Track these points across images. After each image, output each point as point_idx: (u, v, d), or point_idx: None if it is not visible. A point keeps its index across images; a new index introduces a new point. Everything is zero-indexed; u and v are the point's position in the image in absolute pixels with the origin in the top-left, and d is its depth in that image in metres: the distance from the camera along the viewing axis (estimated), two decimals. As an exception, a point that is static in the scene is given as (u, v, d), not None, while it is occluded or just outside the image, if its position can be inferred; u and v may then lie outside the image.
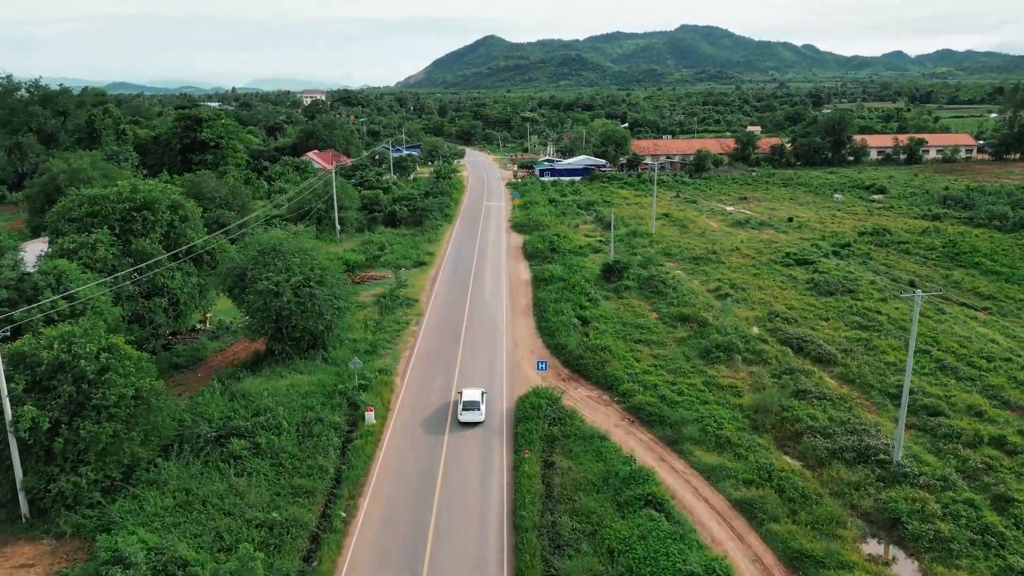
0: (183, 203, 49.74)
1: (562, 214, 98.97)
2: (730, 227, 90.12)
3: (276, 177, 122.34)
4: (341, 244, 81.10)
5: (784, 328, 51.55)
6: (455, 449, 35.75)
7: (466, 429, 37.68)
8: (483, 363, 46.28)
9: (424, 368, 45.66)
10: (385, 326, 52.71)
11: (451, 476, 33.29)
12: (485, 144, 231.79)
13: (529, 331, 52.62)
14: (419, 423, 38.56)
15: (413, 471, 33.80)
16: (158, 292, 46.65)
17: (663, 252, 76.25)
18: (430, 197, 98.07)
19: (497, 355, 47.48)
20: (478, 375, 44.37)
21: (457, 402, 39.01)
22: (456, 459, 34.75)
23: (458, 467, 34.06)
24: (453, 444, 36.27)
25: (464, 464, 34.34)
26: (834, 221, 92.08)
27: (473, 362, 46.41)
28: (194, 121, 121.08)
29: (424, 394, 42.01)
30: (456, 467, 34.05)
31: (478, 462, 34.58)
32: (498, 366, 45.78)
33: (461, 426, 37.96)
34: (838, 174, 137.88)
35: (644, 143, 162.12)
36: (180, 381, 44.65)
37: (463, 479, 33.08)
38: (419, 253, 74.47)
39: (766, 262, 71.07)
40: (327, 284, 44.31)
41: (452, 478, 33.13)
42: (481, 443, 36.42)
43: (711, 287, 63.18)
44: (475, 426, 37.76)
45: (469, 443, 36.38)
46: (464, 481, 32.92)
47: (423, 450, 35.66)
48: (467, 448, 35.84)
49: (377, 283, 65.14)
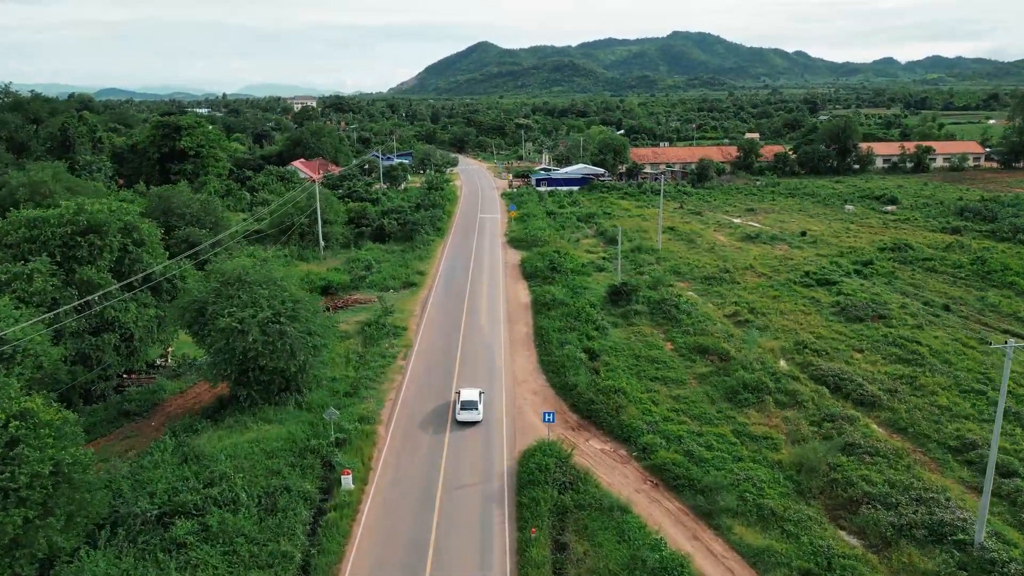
0: (138, 224, 43.84)
1: (561, 227, 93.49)
2: (740, 241, 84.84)
3: (259, 187, 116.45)
4: (325, 261, 75.31)
5: (815, 362, 46.13)
6: (448, 522, 30.01)
7: (459, 497, 31.92)
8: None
9: (412, 414, 39.91)
10: (369, 360, 46.95)
11: (442, 563, 27.55)
12: (479, 152, 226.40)
13: (531, 366, 46.97)
14: (405, 487, 32.80)
15: (396, 556, 28.03)
16: (108, 327, 40.78)
17: (672, 270, 70.81)
18: (421, 210, 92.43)
19: (496, 397, 41.79)
20: (474, 423, 38.69)
21: (455, 402, 39.63)
22: (448, 539, 29.00)
23: (451, 550, 28.31)
24: (446, 515, 30.54)
25: (459, 546, 28.59)
26: (849, 235, 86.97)
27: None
28: (173, 129, 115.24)
29: (411, 449, 36.27)
30: (449, 550, 28.30)
31: (476, 542, 28.84)
32: (497, 410, 40.08)
33: (454, 491, 32.25)
34: (844, 183, 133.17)
35: (643, 151, 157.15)
36: (129, 433, 38.71)
37: (457, 566, 27.35)
38: (409, 273, 68.75)
39: (784, 282, 65.73)
40: (300, 319, 38.54)
41: (443, 565, 27.39)
42: (480, 513, 30.68)
43: (728, 311, 57.74)
44: (473, 425, 37.90)
45: (465, 514, 30.63)
46: (458, 570, 27.18)
47: (409, 526, 29.89)
48: (463, 522, 30.09)
49: (362, 307, 59.36)
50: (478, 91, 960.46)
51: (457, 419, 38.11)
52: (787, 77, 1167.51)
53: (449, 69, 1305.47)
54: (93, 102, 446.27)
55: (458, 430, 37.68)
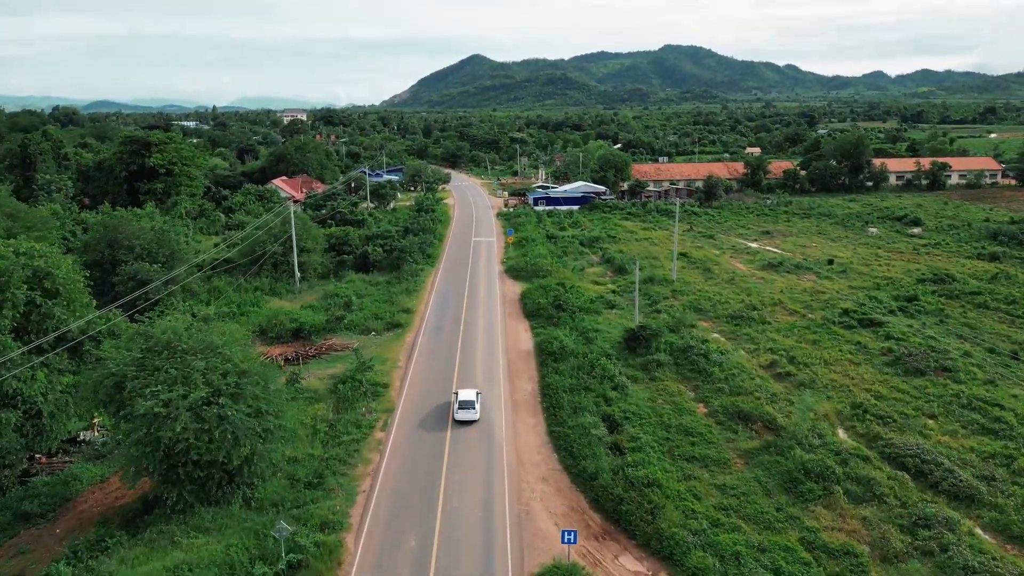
0: (52, 270, 35.39)
1: (563, 253, 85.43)
2: (762, 271, 76.95)
3: (236, 208, 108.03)
4: (300, 296, 66.88)
5: (883, 434, 38.02)
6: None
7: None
8: (475, 503, 32.14)
9: (390, 516, 31.42)
10: (341, 432, 38.52)
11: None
12: (472, 167, 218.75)
13: (538, 439, 38.62)
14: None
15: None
16: (8, 402, 32.24)
17: (691, 306, 62.78)
18: (410, 235, 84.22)
19: (496, 489, 33.35)
20: (468, 526, 30.28)
21: (452, 403, 40.55)
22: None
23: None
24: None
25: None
26: (879, 262, 79.33)
27: (460, 502, 32.26)
28: (142, 145, 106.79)
29: (388, 568, 27.79)
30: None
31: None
32: (499, 510, 31.66)
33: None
34: (859, 202, 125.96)
35: (645, 167, 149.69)
36: (23, 546, 30.01)
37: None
38: (394, 311, 60.36)
39: (821, 322, 57.74)
40: (247, 397, 30.11)
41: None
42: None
43: (763, 360, 49.62)
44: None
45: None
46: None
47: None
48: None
49: (338, 357, 50.92)
50: (471, 104, 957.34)
51: (455, 419, 39.52)
52: (778, 90, 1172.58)
53: (442, 82, 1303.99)
54: (78, 114, 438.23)
55: (448, 540, 29.22)
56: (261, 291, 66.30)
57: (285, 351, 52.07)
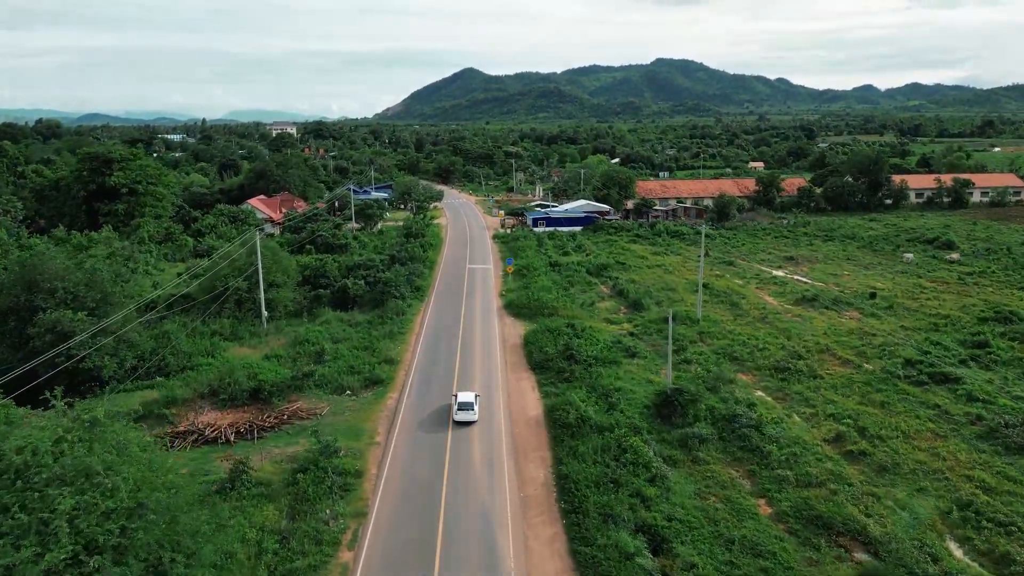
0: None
1: (568, 284, 76.12)
2: (795, 305, 67.88)
3: (206, 231, 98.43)
4: (266, 341, 57.20)
5: (1012, 552, 28.71)
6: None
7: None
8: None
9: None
10: (294, 552, 28.88)
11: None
12: (465, 183, 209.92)
13: (558, 565, 28.99)
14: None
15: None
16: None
17: (724, 353, 53.59)
18: (396, 264, 74.77)
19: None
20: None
21: (452, 405, 41.93)
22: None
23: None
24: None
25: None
26: (925, 295, 70.43)
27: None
28: (102, 162, 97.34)
29: None
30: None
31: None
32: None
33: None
34: (881, 222, 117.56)
35: (650, 184, 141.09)
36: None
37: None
38: (374, 361, 50.77)
39: (882, 376, 48.57)
40: (138, 548, 20.42)
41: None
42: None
43: (826, 432, 40.33)
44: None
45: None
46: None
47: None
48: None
49: (301, 427, 41.27)
50: (464, 117, 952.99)
51: (454, 420, 41.03)
52: (770, 103, 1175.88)
53: (435, 95, 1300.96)
54: (61, 127, 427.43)
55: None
56: (221, 336, 56.64)
57: (238, 420, 42.40)
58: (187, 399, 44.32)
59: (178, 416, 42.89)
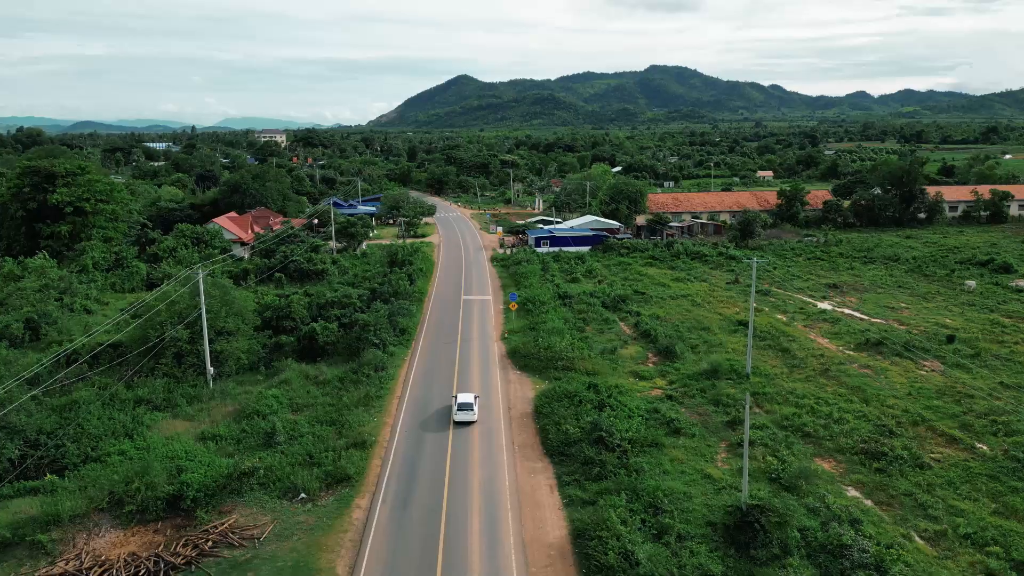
0: None
1: (582, 322, 64.31)
2: (856, 351, 56.23)
3: (164, 256, 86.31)
4: (208, 408, 45.09)
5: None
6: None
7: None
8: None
9: None
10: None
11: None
12: (460, 194, 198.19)
13: None
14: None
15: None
16: None
17: (791, 426, 41.88)
18: (377, 301, 62.85)
19: None
20: None
21: (452, 405, 42.13)
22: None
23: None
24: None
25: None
26: (1009, 336, 58.93)
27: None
28: (45, 177, 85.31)
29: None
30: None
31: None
32: None
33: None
34: (918, 238, 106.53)
35: (661, 198, 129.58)
36: None
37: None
38: (340, 446, 38.77)
39: (1007, 465, 36.95)
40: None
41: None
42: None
43: (966, 565, 28.65)
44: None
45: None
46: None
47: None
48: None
49: (230, 564, 29.28)
50: (458, 124, 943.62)
51: (454, 420, 41.81)
52: (764, 110, 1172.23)
53: (429, 102, 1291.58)
54: (41, 136, 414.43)
55: None
56: (149, 404, 44.56)
57: (143, 548, 30.39)
58: (78, 514, 32.27)
59: (61, 543, 30.85)
